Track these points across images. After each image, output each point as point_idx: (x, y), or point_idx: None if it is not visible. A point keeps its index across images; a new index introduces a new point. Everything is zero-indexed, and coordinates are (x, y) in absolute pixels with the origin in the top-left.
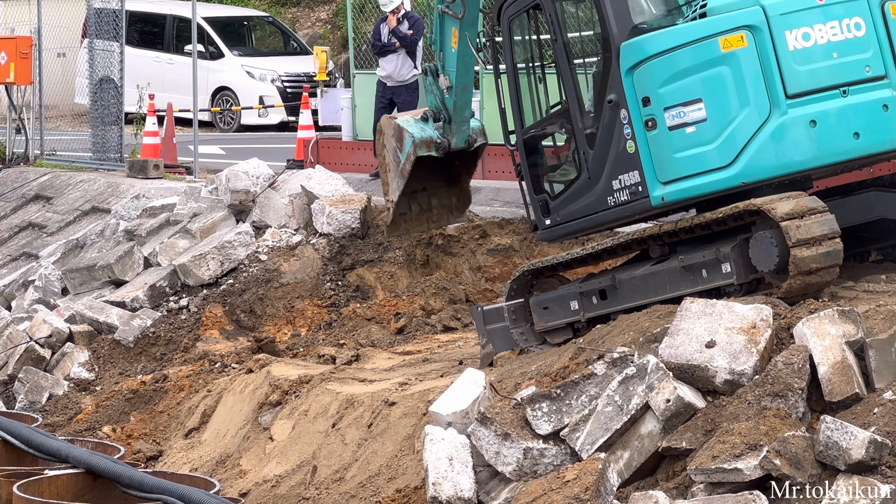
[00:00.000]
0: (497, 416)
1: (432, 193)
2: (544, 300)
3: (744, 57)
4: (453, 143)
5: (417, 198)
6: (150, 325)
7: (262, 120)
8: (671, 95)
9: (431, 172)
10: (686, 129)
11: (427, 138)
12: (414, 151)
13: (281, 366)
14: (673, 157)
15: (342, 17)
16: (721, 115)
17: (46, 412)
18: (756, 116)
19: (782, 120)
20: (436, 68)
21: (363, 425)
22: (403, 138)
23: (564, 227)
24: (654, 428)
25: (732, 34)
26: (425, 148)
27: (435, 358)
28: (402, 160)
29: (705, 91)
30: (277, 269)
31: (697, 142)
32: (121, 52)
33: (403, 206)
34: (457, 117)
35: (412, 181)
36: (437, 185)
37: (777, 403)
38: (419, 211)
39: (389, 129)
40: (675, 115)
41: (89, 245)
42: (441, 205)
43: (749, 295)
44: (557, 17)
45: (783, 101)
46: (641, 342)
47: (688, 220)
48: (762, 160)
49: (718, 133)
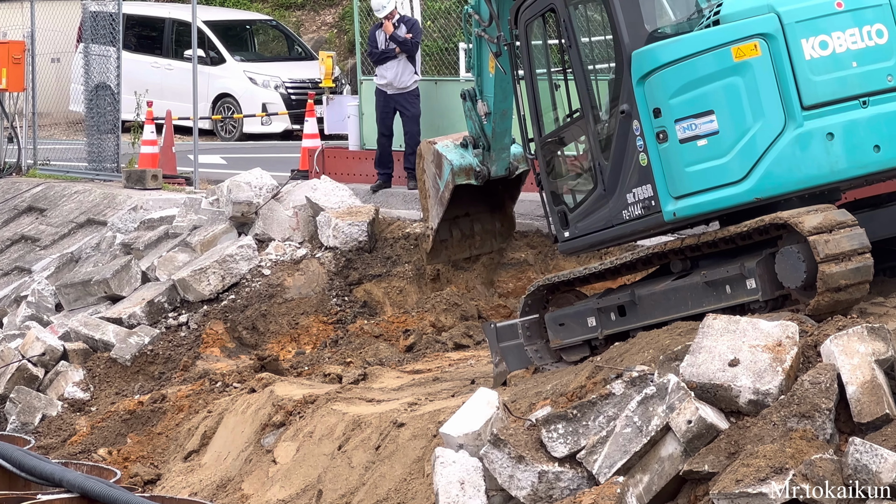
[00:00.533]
0: (511, 438)
1: (475, 219)
2: (560, 316)
3: (758, 66)
4: (493, 171)
5: (459, 223)
6: (147, 342)
7: (266, 128)
8: (682, 107)
9: (474, 197)
10: (698, 141)
11: (466, 166)
12: (453, 180)
13: (285, 385)
14: (684, 171)
15: (349, 21)
16: (734, 128)
17: (39, 434)
18: (770, 129)
19: (798, 132)
20: (474, 93)
21: (371, 447)
22: (442, 165)
23: (582, 240)
24: (675, 450)
25: (746, 43)
26: (464, 176)
27: (446, 377)
28: (441, 187)
29: (717, 102)
30: (281, 284)
31: (709, 155)
32: (117, 57)
33: (444, 233)
34: (496, 144)
35: (453, 206)
36: (480, 211)
37: (804, 425)
38: (461, 237)
39: (429, 154)
40: (686, 128)
41: (84, 259)
42: (484, 230)
43: (774, 312)
44: (571, 21)
45: (799, 112)
46: (662, 360)
47: (711, 234)
48: (777, 175)
49: (731, 146)
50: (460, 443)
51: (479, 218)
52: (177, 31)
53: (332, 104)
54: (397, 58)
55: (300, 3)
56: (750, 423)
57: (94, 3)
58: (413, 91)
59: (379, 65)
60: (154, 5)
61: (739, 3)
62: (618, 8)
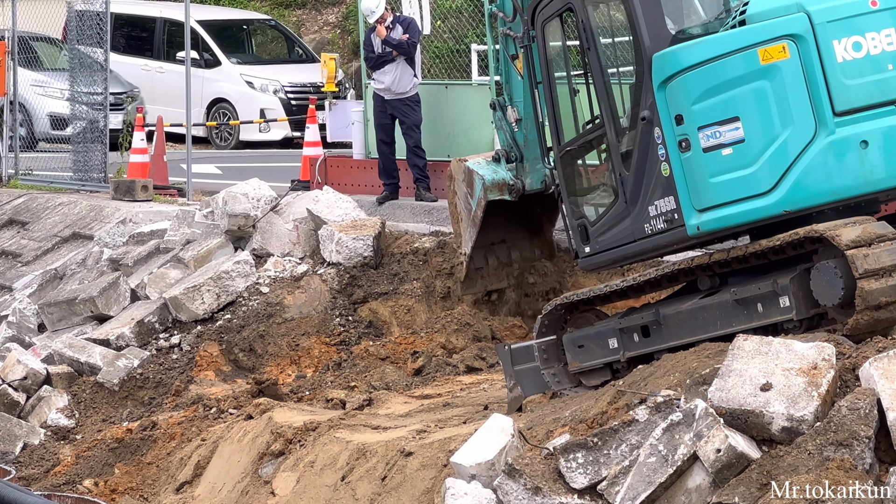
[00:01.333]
0: (527, 468)
1: (512, 246)
2: (579, 338)
3: (786, 70)
4: (528, 185)
5: (495, 250)
6: (137, 365)
7: (264, 135)
8: (706, 113)
9: (510, 222)
10: (722, 150)
11: (499, 181)
12: (485, 195)
13: (284, 411)
14: (708, 182)
15: (353, 21)
16: (761, 136)
17: (20, 464)
18: (800, 136)
19: (829, 140)
20: (504, 101)
21: (376, 478)
22: (474, 182)
23: (604, 255)
24: (703, 481)
25: (773, 44)
26: (497, 191)
27: (457, 402)
28: (473, 206)
29: (743, 108)
30: (280, 303)
31: (735, 165)
32: (105, 59)
33: (479, 260)
34: (529, 154)
35: (487, 232)
36: (517, 237)
37: (841, 454)
38: (497, 265)
39: (459, 173)
40: (710, 136)
41: (69, 276)
42: (523, 258)
43: (810, 332)
44: (589, 21)
45: (830, 119)
46: (688, 385)
47: (741, 249)
48: (807, 186)
49: (758, 155)
50: (472, 473)
51: (517, 245)
52: (169, 32)
53: (335, 110)
54: (395, 61)
55: (301, 2)
56: (783, 451)
57: (81, 2)
58: (412, 97)
59: (376, 70)
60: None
61: (767, 1)
62: (637, 7)
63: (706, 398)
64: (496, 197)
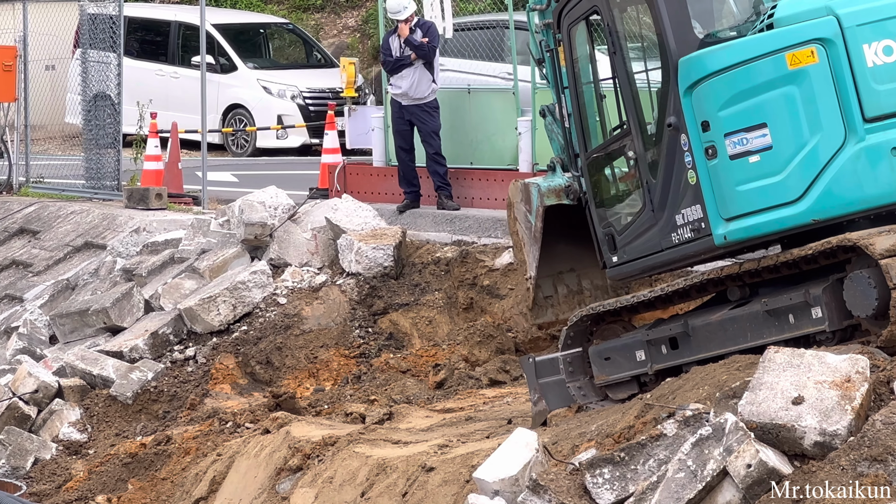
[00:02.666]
0: (551, 484)
1: (582, 274)
2: (606, 350)
3: (815, 75)
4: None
5: (564, 279)
6: (151, 378)
7: (281, 142)
8: (732, 119)
9: (578, 249)
10: (749, 157)
11: (555, 186)
12: (541, 202)
13: (302, 425)
14: (735, 191)
15: (373, 25)
16: (789, 143)
17: (31, 479)
18: (829, 143)
19: (859, 147)
20: (553, 106)
21: (397, 494)
22: (531, 195)
23: (632, 265)
24: (734, 497)
25: (802, 49)
26: (554, 196)
27: (480, 416)
28: (532, 222)
29: (771, 114)
30: (298, 314)
31: (762, 173)
32: (118, 64)
33: (548, 289)
34: None
35: (555, 259)
36: (586, 265)
37: (875, 469)
38: (567, 293)
39: (517, 194)
40: (736, 142)
41: (82, 286)
42: (594, 286)
43: (843, 344)
44: (616, 25)
45: (860, 125)
46: (718, 398)
47: (772, 258)
48: (836, 194)
49: (786, 163)
50: (496, 489)
51: (587, 273)
52: (184, 36)
53: (354, 116)
54: (413, 65)
55: (319, 6)
56: (816, 467)
57: (93, 5)
58: (431, 102)
59: (393, 74)
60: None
61: (795, 4)
62: (663, 10)
63: (736, 412)
64: (554, 202)
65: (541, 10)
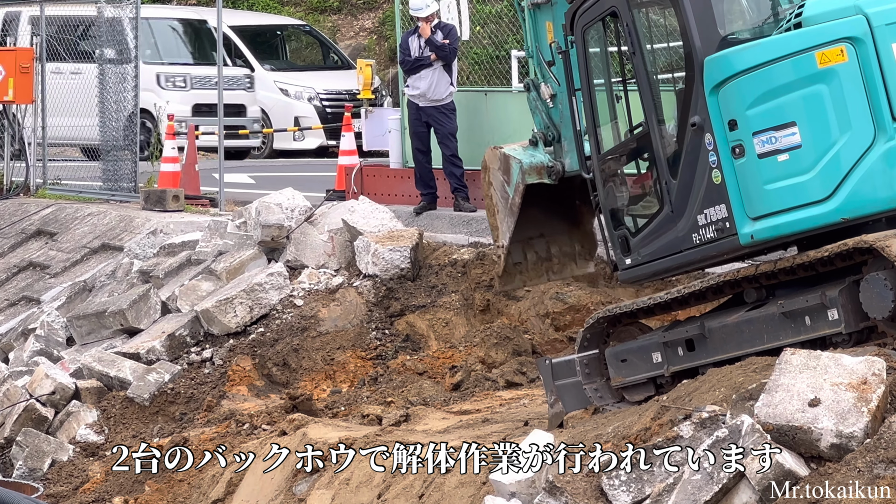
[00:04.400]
0: (568, 486)
1: (551, 241)
2: (622, 352)
3: (844, 73)
4: (567, 166)
5: (534, 245)
6: (168, 380)
7: (298, 144)
8: (761, 118)
9: (548, 215)
10: (778, 156)
11: (537, 164)
12: (523, 179)
13: (319, 427)
14: (763, 189)
15: (390, 26)
16: (818, 141)
17: (48, 481)
18: (859, 142)
19: (889, 146)
20: (537, 80)
21: (413, 496)
22: (510, 168)
23: (646, 267)
24: (750, 499)
25: (831, 47)
26: (536, 175)
27: (496, 418)
28: (510, 194)
29: (800, 113)
30: (315, 316)
31: (791, 171)
32: (135, 66)
33: (518, 255)
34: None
35: (525, 226)
36: (556, 231)
37: (892, 471)
38: (536, 260)
39: (495, 161)
40: (765, 141)
41: (98, 288)
42: (562, 253)
43: (859, 346)
44: (636, 26)
45: (890, 124)
46: (734, 400)
47: (788, 260)
48: (866, 192)
49: (815, 161)
50: (512, 490)
51: (556, 240)
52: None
53: (371, 118)
54: (432, 66)
55: (336, 7)
56: (832, 469)
57: (110, 7)
58: (448, 104)
59: (411, 74)
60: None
61: (824, 3)
62: (688, 10)
63: (753, 414)
64: (535, 180)
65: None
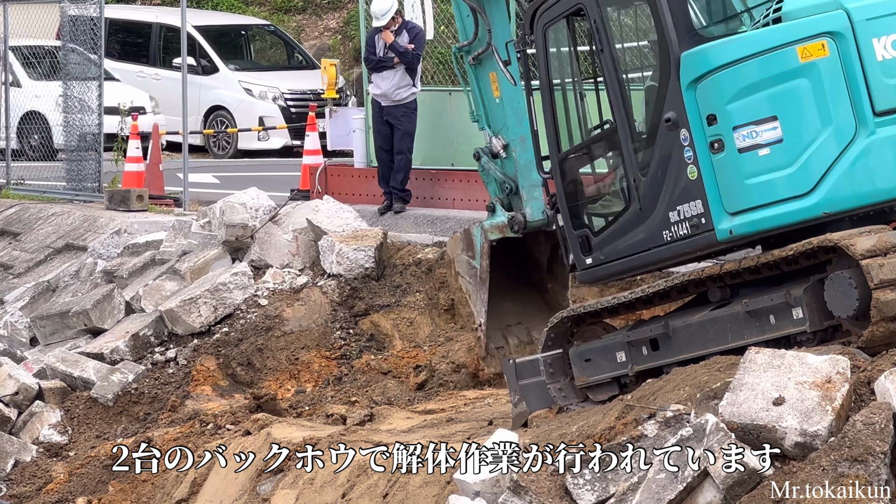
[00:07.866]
0: (532, 485)
1: (531, 326)
2: (586, 351)
3: (825, 68)
4: (529, 216)
5: (513, 331)
6: (131, 380)
7: (263, 144)
8: (742, 113)
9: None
10: (759, 151)
11: (498, 223)
12: (486, 239)
13: (283, 427)
14: (743, 184)
15: (354, 26)
16: (799, 136)
17: (11, 481)
18: (840, 137)
19: (870, 141)
20: (487, 148)
21: (378, 495)
22: (472, 237)
23: (608, 266)
24: (714, 498)
25: (812, 42)
26: (497, 231)
27: (461, 417)
28: (478, 265)
29: (781, 108)
30: (279, 316)
31: (772, 166)
32: (99, 65)
33: (498, 340)
34: (524, 180)
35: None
36: (532, 317)
37: (856, 469)
38: (518, 343)
39: (457, 245)
40: (746, 136)
41: (62, 288)
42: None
43: (823, 344)
44: (604, 24)
45: (871, 119)
46: (699, 399)
47: (753, 259)
48: (846, 187)
49: (796, 156)
50: (477, 490)
51: (535, 326)
52: (165, 38)
53: (335, 117)
54: (395, 68)
55: (301, 7)
56: (797, 467)
57: (74, 7)
58: (410, 104)
59: (375, 73)
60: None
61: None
62: (664, 5)
63: (717, 413)
64: (498, 236)
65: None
